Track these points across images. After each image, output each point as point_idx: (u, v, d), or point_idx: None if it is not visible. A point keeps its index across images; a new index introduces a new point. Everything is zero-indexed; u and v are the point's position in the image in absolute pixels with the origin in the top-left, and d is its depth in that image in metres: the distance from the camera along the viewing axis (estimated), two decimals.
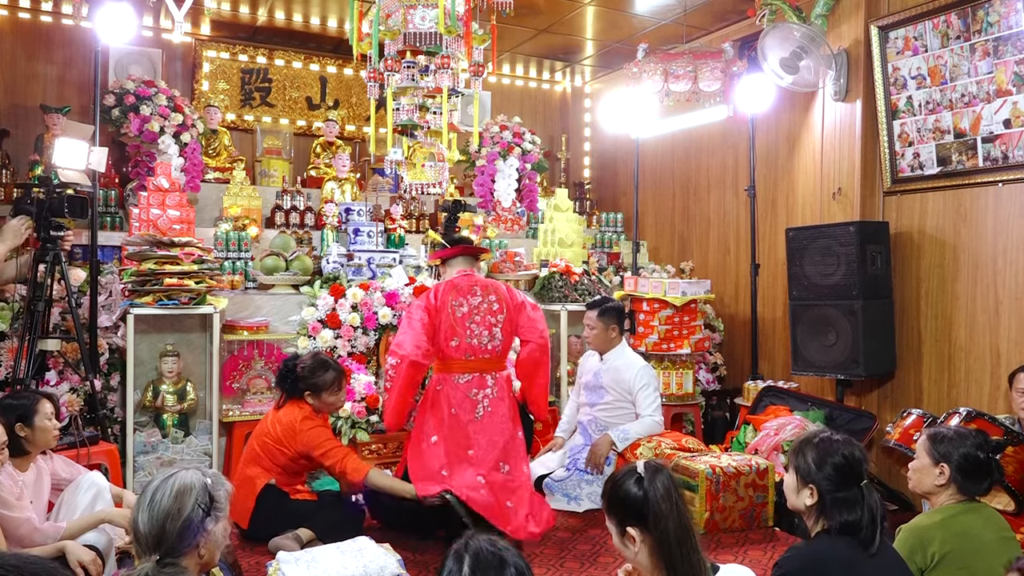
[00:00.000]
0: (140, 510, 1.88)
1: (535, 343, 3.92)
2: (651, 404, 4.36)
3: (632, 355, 4.53)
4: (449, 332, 3.75)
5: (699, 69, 5.52)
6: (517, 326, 3.90)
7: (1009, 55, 4.22)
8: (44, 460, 3.18)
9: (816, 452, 2.14)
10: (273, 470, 3.80)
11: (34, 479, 3.06)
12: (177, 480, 1.90)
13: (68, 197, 4.02)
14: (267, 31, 6.90)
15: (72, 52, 6.38)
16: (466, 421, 3.73)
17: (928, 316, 4.78)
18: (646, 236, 7.20)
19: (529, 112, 8.13)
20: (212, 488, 1.93)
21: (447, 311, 3.75)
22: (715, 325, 6.21)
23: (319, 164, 6.85)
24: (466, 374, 3.77)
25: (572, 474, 4.36)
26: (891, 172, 4.89)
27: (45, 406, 3.05)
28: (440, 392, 3.78)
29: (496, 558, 1.48)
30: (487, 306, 3.82)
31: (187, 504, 1.87)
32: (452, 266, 3.97)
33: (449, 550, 1.52)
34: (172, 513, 1.86)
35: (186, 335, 4.84)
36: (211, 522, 1.91)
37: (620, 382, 4.40)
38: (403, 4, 4.17)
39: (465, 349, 3.76)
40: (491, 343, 3.81)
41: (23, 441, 2.97)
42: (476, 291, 3.83)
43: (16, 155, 5.87)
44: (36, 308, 3.94)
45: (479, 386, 3.77)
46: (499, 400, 3.79)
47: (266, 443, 3.80)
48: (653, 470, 1.89)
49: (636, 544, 1.85)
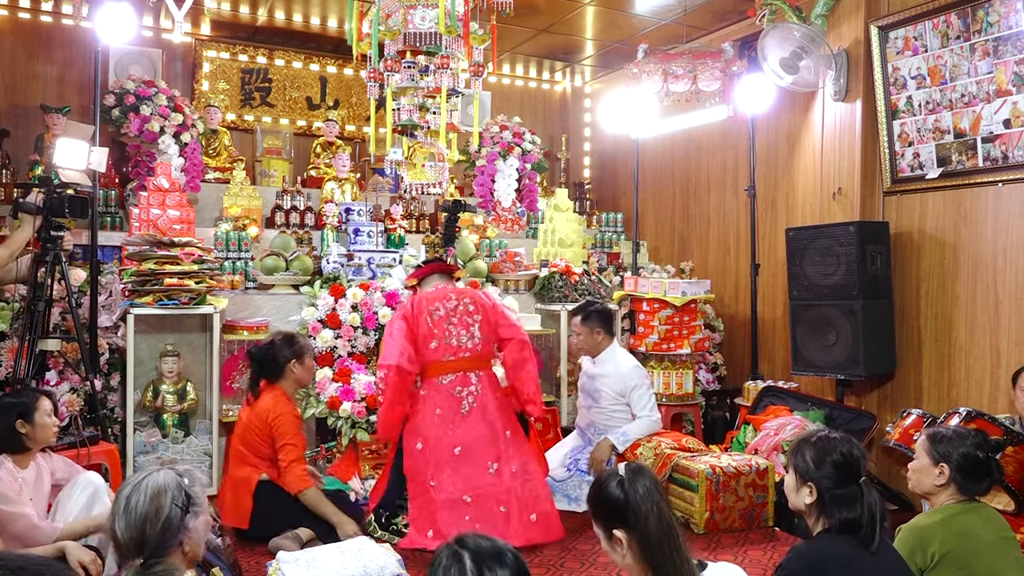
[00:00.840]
0: (116, 517, 1.85)
1: (515, 340, 3.94)
2: (646, 404, 4.36)
3: (623, 356, 4.52)
4: (428, 336, 3.81)
5: (699, 69, 5.52)
6: (496, 325, 3.94)
7: (1009, 55, 4.22)
8: (44, 459, 3.18)
9: (814, 450, 2.15)
10: (261, 465, 3.79)
11: (34, 477, 3.07)
12: (150, 482, 1.87)
13: (69, 197, 4.02)
14: (267, 31, 6.90)
15: (72, 52, 6.39)
16: (451, 419, 3.76)
17: (928, 316, 4.77)
18: (646, 236, 7.20)
19: (529, 112, 8.13)
20: (187, 486, 1.91)
21: (423, 316, 3.83)
22: (715, 325, 6.21)
23: (319, 164, 6.86)
24: (448, 374, 3.82)
25: (573, 475, 4.36)
26: (891, 172, 4.89)
27: (45, 403, 3.08)
28: (425, 396, 3.82)
29: (494, 548, 1.48)
30: (463, 308, 3.89)
31: (164, 505, 1.85)
32: (428, 284, 4.06)
33: (439, 553, 1.50)
34: (150, 516, 1.83)
35: (186, 335, 4.84)
36: (191, 519, 1.89)
37: (612, 385, 4.41)
38: (403, 4, 4.17)
39: (445, 350, 3.81)
40: (470, 342, 3.86)
41: (24, 438, 2.99)
42: (451, 296, 3.91)
43: (16, 155, 5.88)
44: (36, 308, 3.94)
45: (463, 384, 3.82)
46: (485, 396, 3.82)
47: (248, 439, 3.79)
48: (633, 471, 1.90)
49: (623, 547, 1.86)
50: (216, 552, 2.64)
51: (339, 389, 4.54)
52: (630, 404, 4.39)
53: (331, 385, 4.55)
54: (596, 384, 4.46)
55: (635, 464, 1.95)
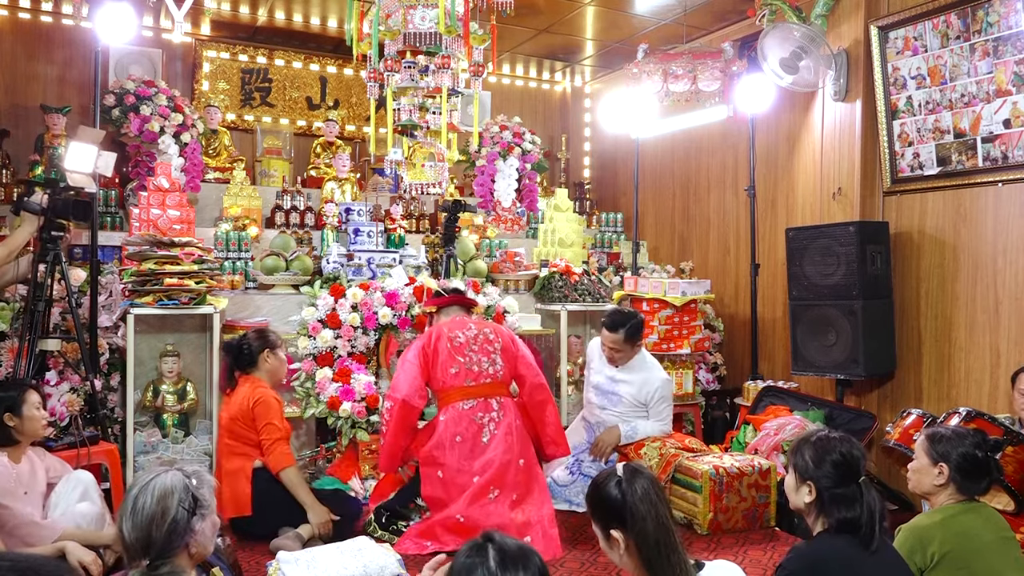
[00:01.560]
0: (124, 519, 1.86)
1: (532, 382, 3.87)
2: (665, 417, 4.31)
3: (654, 367, 4.37)
4: (449, 361, 3.74)
5: (699, 69, 5.52)
6: (515, 357, 3.88)
7: (1009, 55, 4.22)
8: (38, 456, 3.20)
9: (814, 450, 2.16)
10: (253, 453, 3.79)
11: (28, 471, 3.09)
12: (158, 484, 1.88)
13: (73, 201, 4.03)
14: (267, 31, 6.90)
15: (72, 52, 6.39)
16: (471, 448, 3.66)
17: (928, 316, 4.78)
18: (646, 236, 7.20)
19: (529, 112, 8.13)
20: (194, 487, 1.91)
21: (443, 342, 3.77)
22: (715, 325, 6.21)
23: (319, 164, 6.86)
24: (470, 400, 3.73)
25: (576, 479, 4.28)
26: (891, 172, 4.89)
27: (32, 396, 3.11)
28: (445, 422, 3.72)
29: (521, 552, 1.47)
30: (483, 337, 3.84)
31: (171, 506, 1.86)
32: (446, 314, 4.03)
33: (464, 545, 1.49)
34: (156, 518, 1.84)
35: (186, 335, 4.84)
36: (197, 521, 1.90)
37: (636, 393, 4.29)
38: (403, 4, 4.17)
39: (466, 375, 3.74)
40: (492, 368, 3.79)
41: (12, 431, 3.03)
42: (470, 326, 3.88)
43: (16, 155, 5.88)
44: (36, 308, 3.94)
45: (484, 410, 3.73)
46: (506, 424, 3.72)
47: (235, 430, 3.79)
48: (631, 472, 1.91)
49: (620, 547, 1.86)
50: (216, 552, 2.64)
51: (339, 389, 4.54)
52: (648, 411, 4.31)
53: (331, 385, 4.55)
54: (617, 388, 4.33)
55: (634, 465, 1.95)
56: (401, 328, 4.82)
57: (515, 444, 3.71)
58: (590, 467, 4.30)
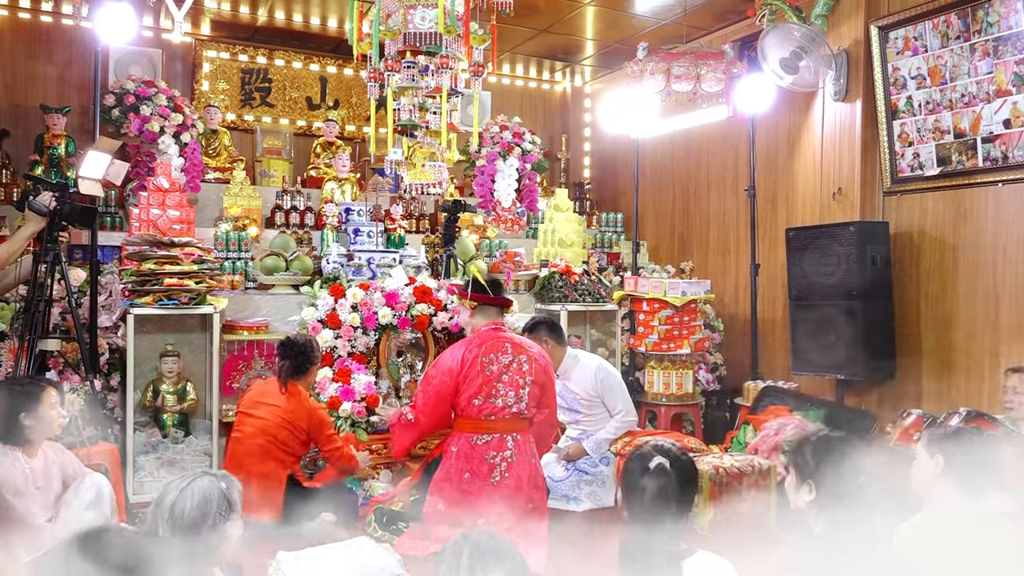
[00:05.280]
0: (161, 523, 1.90)
1: (550, 410, 3.80)
2: (620, 404, 4.27)
3: (584, 360, 4.35)
4: (475, 392, 3.55)
5: (701, 70, 5.52)
6: (543, 389, 3.71)
7: (1009, 55, 4.22)
8: (55, 453, 3.16)
9: (814, 449, 2.18)
10: (288, 461, 3.83)
11: (43, 467, 3.06)
12: (196, 490, 1.93)
13: (81, 208, 4.04)
14: (267, 31, 6.90)
15: (72, 52, 6.39)
16: (479, 488, 3.52)
17: (928, 316, 4.77)
18: (646, 236, 7.20)
19: (529, 112, 8.13)
20: (228, 492, 1.99)
21: (476, 368, 3.56)
22: (715, 325, 6.20)
23: (319, 164, 6.86)
24: (485, 435, 3.56)
25: (571, 474, 4.32)
26: (891, 172, 4.89)
27: (51, 394, 3.07)
28: (456, 454, 3.58)
29: (494, 548, 1.49)
30: (517, 366, 3.61)
31: (210, 513, 1.93)
32: (483, 312, 3.80)
33: (447, 545, 1.53)
34: (196, 523, 1.91)
35: (186, 335, 4.84)
36: (230, 526, 1.98)
37: (582, 392, 4.30)
38: (403, 4, 4.17)
39: (488, 409, 3.56)
40: (516, 405, 3.59)
41: (28, 430, 2.98)
42: (507, 348, 3.63)
43: (16, 155, 5.88)
44: (36, 308, 3.94)
45: (498, 448, 3.55)
46: (518, 466, 3.57)
47: (281, 436, 3.78)
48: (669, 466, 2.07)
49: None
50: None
51: (339, 389, 4.53)
52: (606, 406, 4.29)
53: (331, 385, 4.55)
54: (572, 397, 4.35)
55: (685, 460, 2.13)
56: (401, 328, 4.81)
57: (524, 486, 3.57)
58: (584, 462, 4.32)
